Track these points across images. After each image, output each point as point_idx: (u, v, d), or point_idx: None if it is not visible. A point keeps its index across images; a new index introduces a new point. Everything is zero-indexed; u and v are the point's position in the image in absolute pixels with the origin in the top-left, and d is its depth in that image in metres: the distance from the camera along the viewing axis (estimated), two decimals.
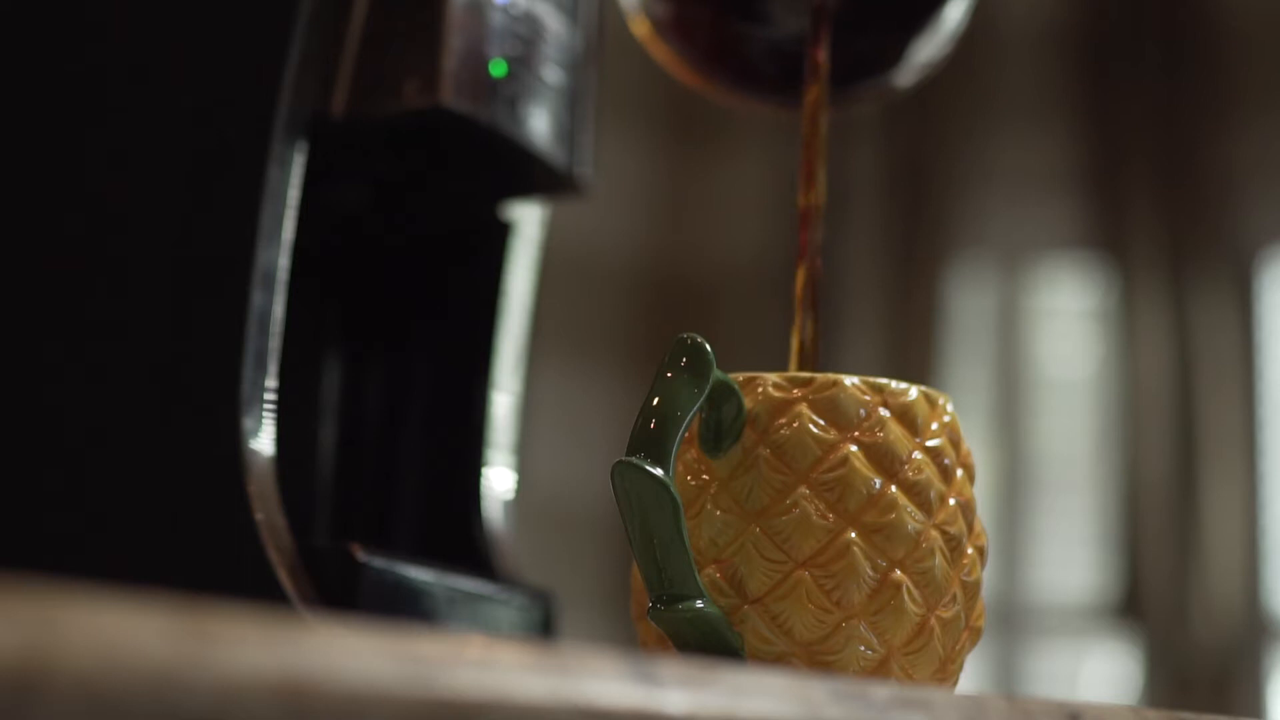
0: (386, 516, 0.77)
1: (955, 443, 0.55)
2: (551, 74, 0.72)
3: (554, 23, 0.72)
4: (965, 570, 0.54)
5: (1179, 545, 2.51)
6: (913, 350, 2.67)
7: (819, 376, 0.53)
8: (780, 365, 0.59)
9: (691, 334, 0.52)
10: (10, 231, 0.67)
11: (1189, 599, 2.49)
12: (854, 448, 0.52)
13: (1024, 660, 2.64)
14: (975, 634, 0.55)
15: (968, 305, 2.71)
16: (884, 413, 0.53)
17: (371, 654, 0.31)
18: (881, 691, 0.43)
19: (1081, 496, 2.66)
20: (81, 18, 0.67)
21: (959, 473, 0.54)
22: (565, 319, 2.65)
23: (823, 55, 0.61)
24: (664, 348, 0.52)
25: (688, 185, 2.87)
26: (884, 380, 0.54)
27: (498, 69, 0.69)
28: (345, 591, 0.63)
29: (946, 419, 0.55)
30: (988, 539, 0.56)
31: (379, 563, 0.64)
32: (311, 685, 0.30)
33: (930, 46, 0.65)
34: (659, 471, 0.50)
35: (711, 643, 0.51)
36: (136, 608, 0.29)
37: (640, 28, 0.66)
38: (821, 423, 0.52)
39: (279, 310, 0.64)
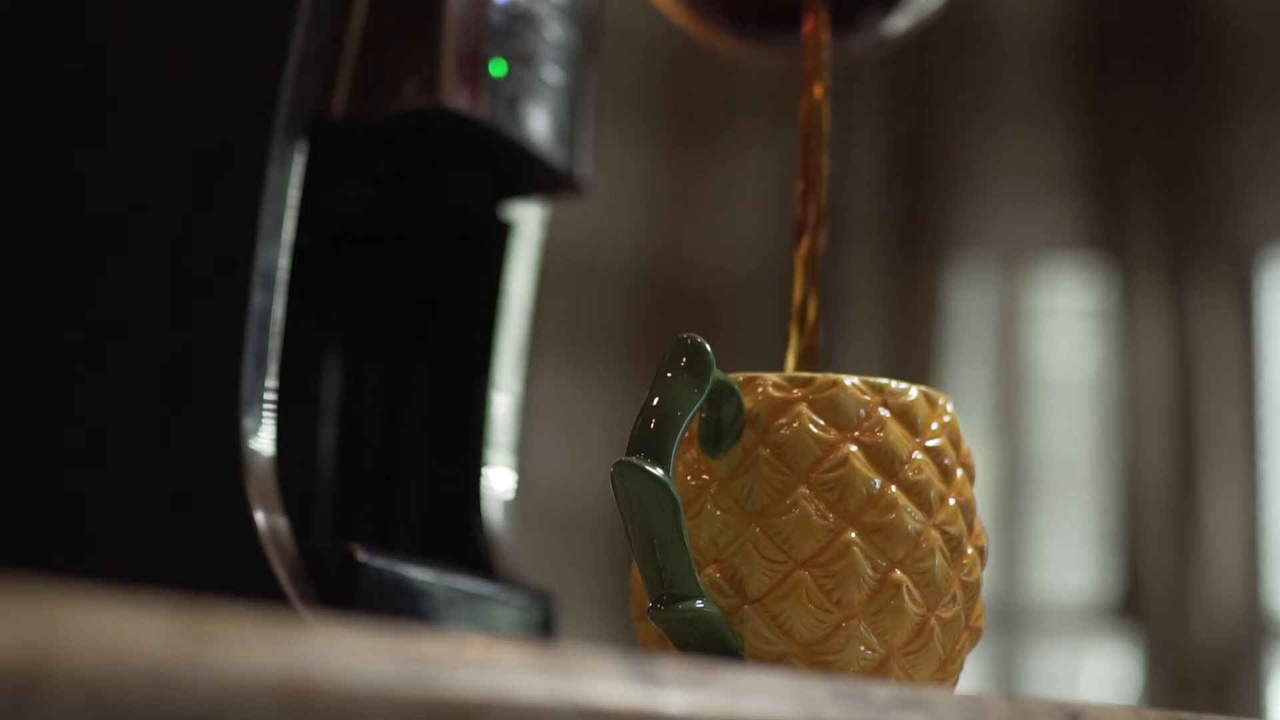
0: (386, 516, 0.77)
1: (955, 443, 0.55)
2: (551, 74, 0.72)
3: (554, 22, 0.72)
4: (965, 570, 0.54)
5: (1179, 545, 2.51)
6: (913, 350, 2.67)
7: (819, 376, 0.53)
8: (780, 365, 0.59)
9: (691, 334, 0.52)
10: (10, 231, 0.67)
11: (1189, 599, 2.49)
12: (854, 448, 0.52)
13: (1024, 660, 2.64)
14: (975, 634, 0.55)
15: (968, 305, 2.71)
16: (884, 413, 0.53)
17: (371, 654, 0.31)
18: (881, 691, 0.43)
19: (1081, 496, 2.66)
20: (82, 18, 0.67)
21: (959, 473, 0.54)
22: (565, 319, 2.65)
23: None
24: (664, 348, 0.52)
25: (688, 185, 2.87)
26: (884, 380, 0.54)
27: (498, 69, 0.69)
28: (345, 591, 0.63)
29: (946, 419, 0.55)
30: (988, 539, 0.56)
31: (379, 563, 0.64)
32: (311, 685, 0.30)
33: None
34: (659, 471, 0.50)
35: (711, 643, 0.51)
36: (136, 608, 0.29)
37: None
38: (821, 423, 0.52)
39: (279, 310, 0.64)
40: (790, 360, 0.59)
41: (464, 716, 0.32)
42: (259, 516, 0.62)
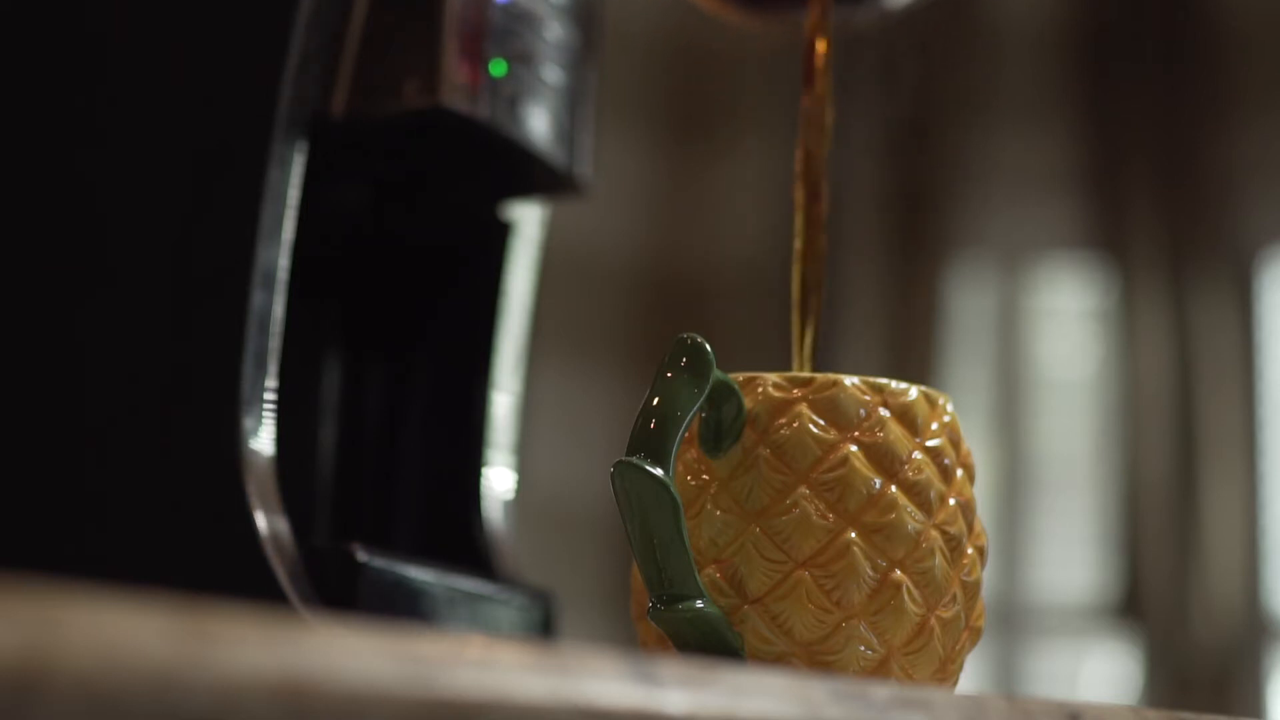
0: (386, 516, 0.77)
1: (955, 443, 0.55)
2: (551, 74, 0.72)
3: (554, 22, 0.72)
4: (965, 570, 0.54)
5: (1179, 545, 2.51)
6: (913, 350, 2.67)
7: (819, 376, 0.53)
8: (780, 365, 0.59)
9: (691, 334, 0.52)
10: (10, 231, 0.67)
11: (1189, 599, 2.49)
12: (854, 448, 0.52)
13: (1024, 660, 2.64)
14: (975, 634, 0.55)
15: (968, 305, 2.71)
16: (884, 413, 0.53)
17: (371, 654, 0.31)
18: (881, 691, 0.43)
19: (1081, 496, 2.66)
20: (81, 18, 0.67)
21: (959, 473, 0.54)
22: (565, 319, 2.65)
23: None
24: (664, 348, 0.52)
25: (688, 185, 2.87)
26: (884, 380, 0.54)
27: (498, 69, 0.69)
28: (345, 591, 0.63)
29: (946, 419, 0.55)
30: (988, 539, 0.56)
31: (379, 563, 0.64)
32: (311, 685, 0.30)
33: None
34: (659, 471, 0.50)
35: (711, 643, 0.51)
36: (136, 608, 0.29)
37: None
38: (821, 423, 0.52)
39: (279, 310, 0.64)
40: (797, 346, 0.59)
41: (464, 716, 0.32)
42: (259, 517, 0.62)
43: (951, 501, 0.54)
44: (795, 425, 0.52)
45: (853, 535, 0.52)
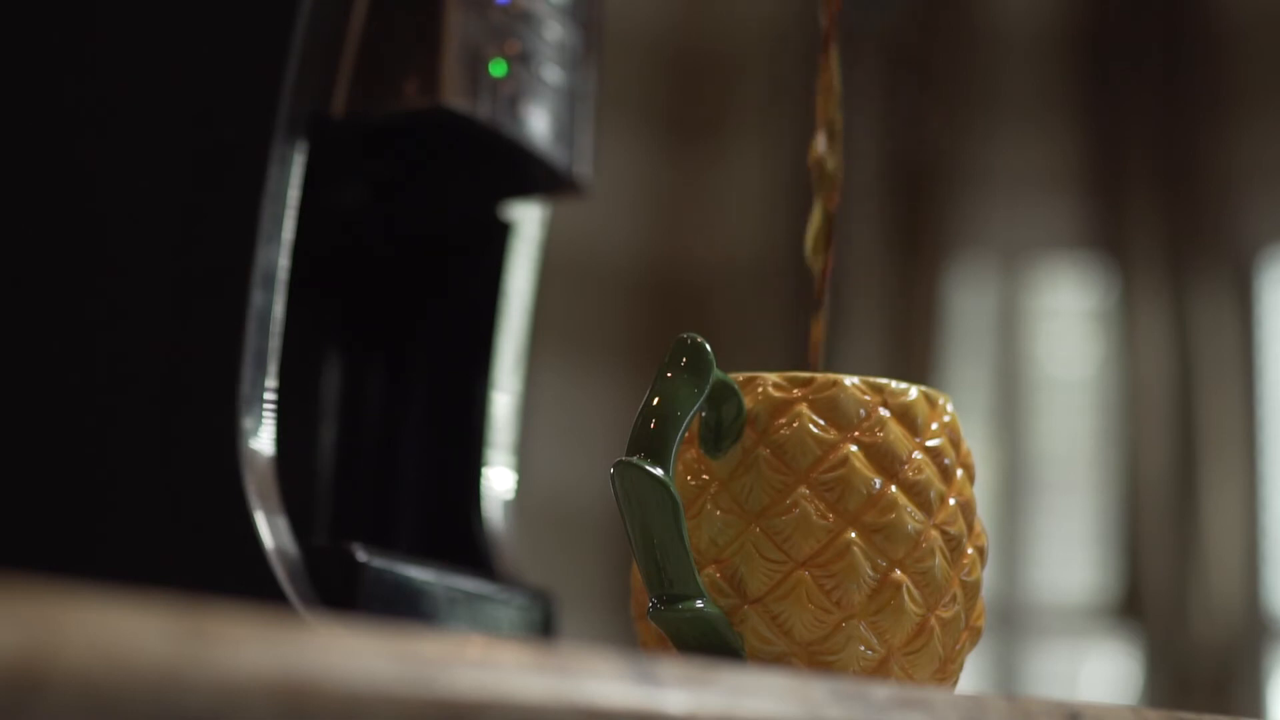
0: (386, 516, 0.77)
1: (955, 443, 0.55)
2: (551, 74, 0.72)
3: (554, 22, 0.72)
4: (965, 570, 0.54)
5: (1179, 545, 2.51)
6: (913, 350, 2.67)
7: (819, 376, 0.53)
8: (779, 365, 0.59)
9: (691, 334, 0.52)
10: (11, 231, 0.67)
11: (1189, 599, 2.49)
12: (854, 448, 0.52)
13: (1024, 660, 2.64)
14: (975, 634, 0.55)
15: (968, 305, 2.71)
16: (884, 413, 0.53)
17: (371, 654, 0.31)
18: (881, 691, 0.43)
19: (1081, 496, 2.66)
20: (82, 18, 0.67)
21: (959, 473, 0.54)
22: (565, 319, 2.65)
23: None
24: (664, 348, 0.52)
25: (688, 185, 2.87)
26: (884, 380, 0.54)
27: (497, 69, 0.69)
28: (345, 591, 0.63)
29: (946, 419, 0.55)
30: (988, 539, 0.56)
31: (379, 563, 0.64)
32: (311, 685, 0.30)
33: None
34: (659, 471, 0.50)
35: (711, 643, 0.51)
36: (136, 608, 0.29)
37: None
38: (821, 423, 0.52)
39: (279, 310, 0.64)
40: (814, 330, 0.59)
41: (464, 716, 0.32)
42: (259, 516, 0.62)
43: (951, 501, 0.54)
44: (795, 425, 0.52)
45: (853, 535, 0.52)
